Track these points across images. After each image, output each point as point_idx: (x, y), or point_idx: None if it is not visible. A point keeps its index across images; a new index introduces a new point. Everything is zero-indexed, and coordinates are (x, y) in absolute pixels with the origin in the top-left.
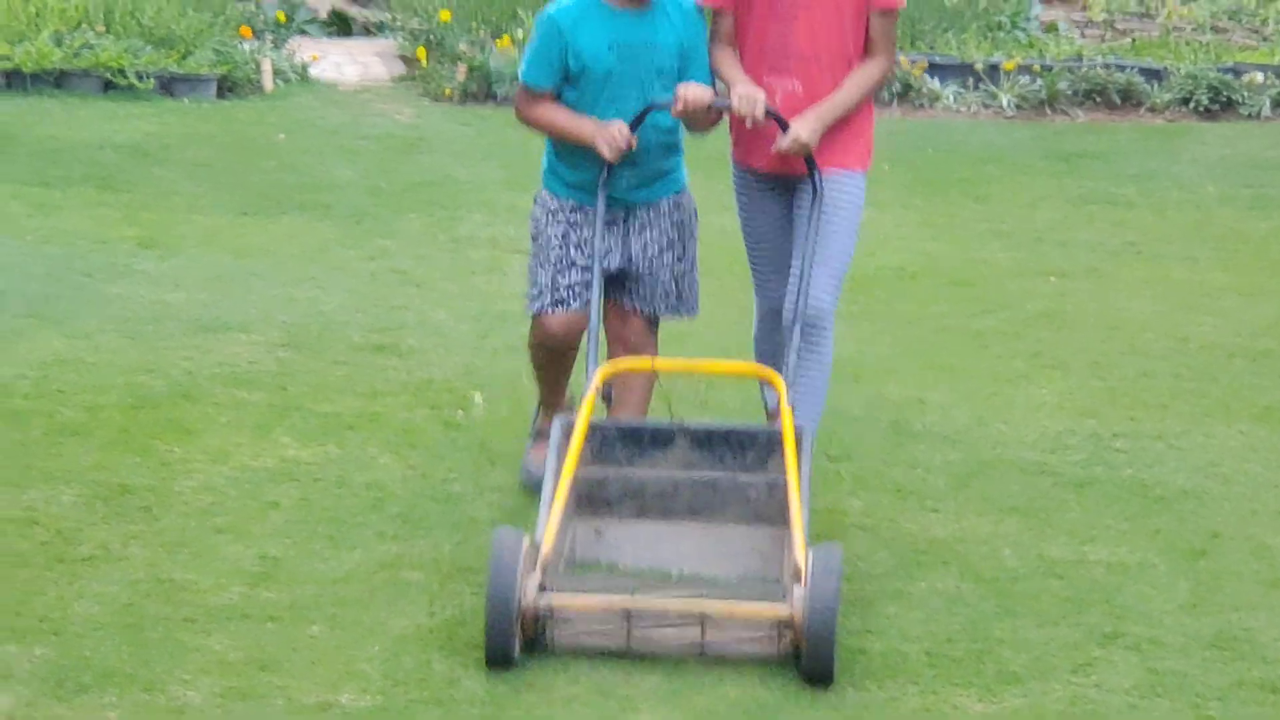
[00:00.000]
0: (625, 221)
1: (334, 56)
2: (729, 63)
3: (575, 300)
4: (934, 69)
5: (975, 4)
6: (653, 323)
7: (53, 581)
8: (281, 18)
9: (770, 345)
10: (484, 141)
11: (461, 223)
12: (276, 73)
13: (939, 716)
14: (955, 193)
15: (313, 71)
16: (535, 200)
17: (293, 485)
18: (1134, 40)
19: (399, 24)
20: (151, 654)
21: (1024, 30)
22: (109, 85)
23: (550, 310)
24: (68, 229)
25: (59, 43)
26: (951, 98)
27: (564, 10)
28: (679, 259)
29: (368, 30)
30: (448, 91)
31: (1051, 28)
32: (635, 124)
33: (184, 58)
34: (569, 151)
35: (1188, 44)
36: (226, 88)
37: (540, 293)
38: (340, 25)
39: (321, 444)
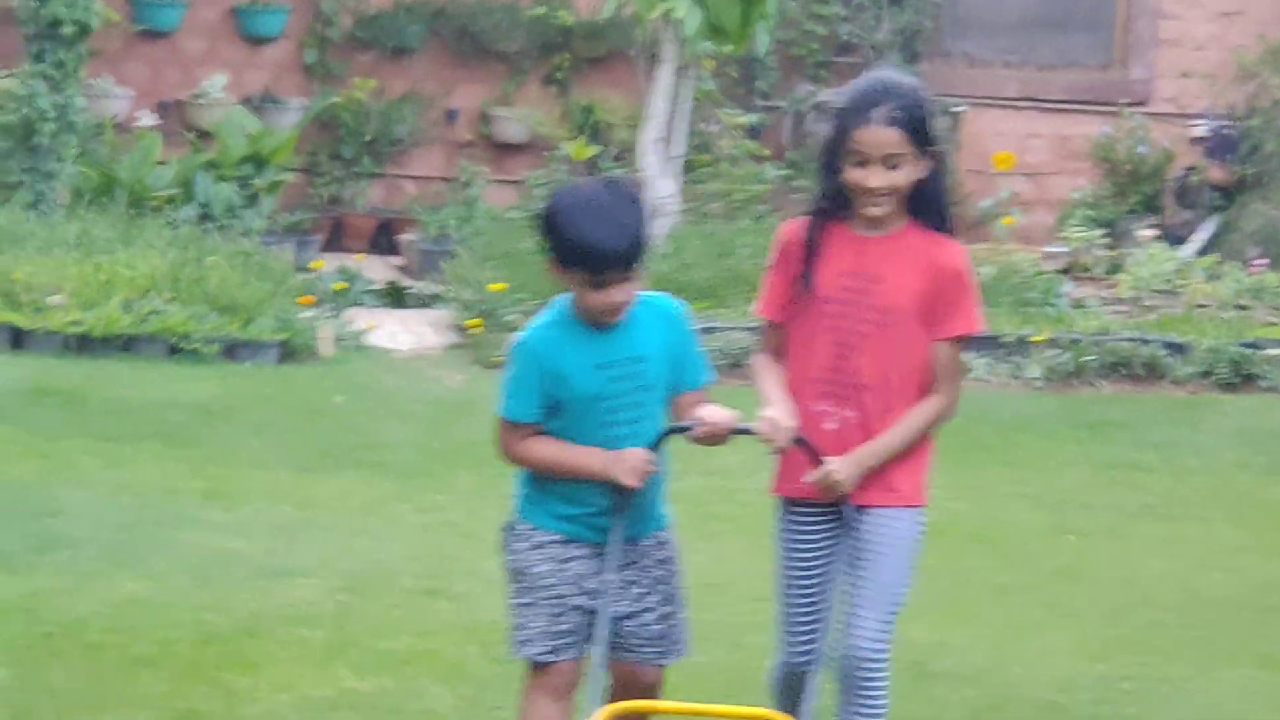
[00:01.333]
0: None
1: (389, 326)
2: (768, 380)
3: (573, 649)
4: (966, 341)
5: (1008, 280)
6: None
7: None
8: (339, 287)
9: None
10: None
11: (510, 480)
12: (335, 340)
13: None
14: (983, 456)
15: (369, 339)
16: (510, 531)
17: (351, 712)
18: (1159, 316)
19: (452, 295)
20: None
21: (1054, 305)
22: (174, 350)
23: (550, 659)
24: (137, 481)
25: (128, 309)
26: (983, 369)
27: (539, 333)
28: (664, 601)
29: (421, 302)
30: (498, 359)
31: (1080, 304)
32: (656, 445)
33: (246, 324)
34: (562, 483)
35: (1210, 320)
36: (286, 353)
37: (531, 639)
38: (394, 296)
39: (377, 677)
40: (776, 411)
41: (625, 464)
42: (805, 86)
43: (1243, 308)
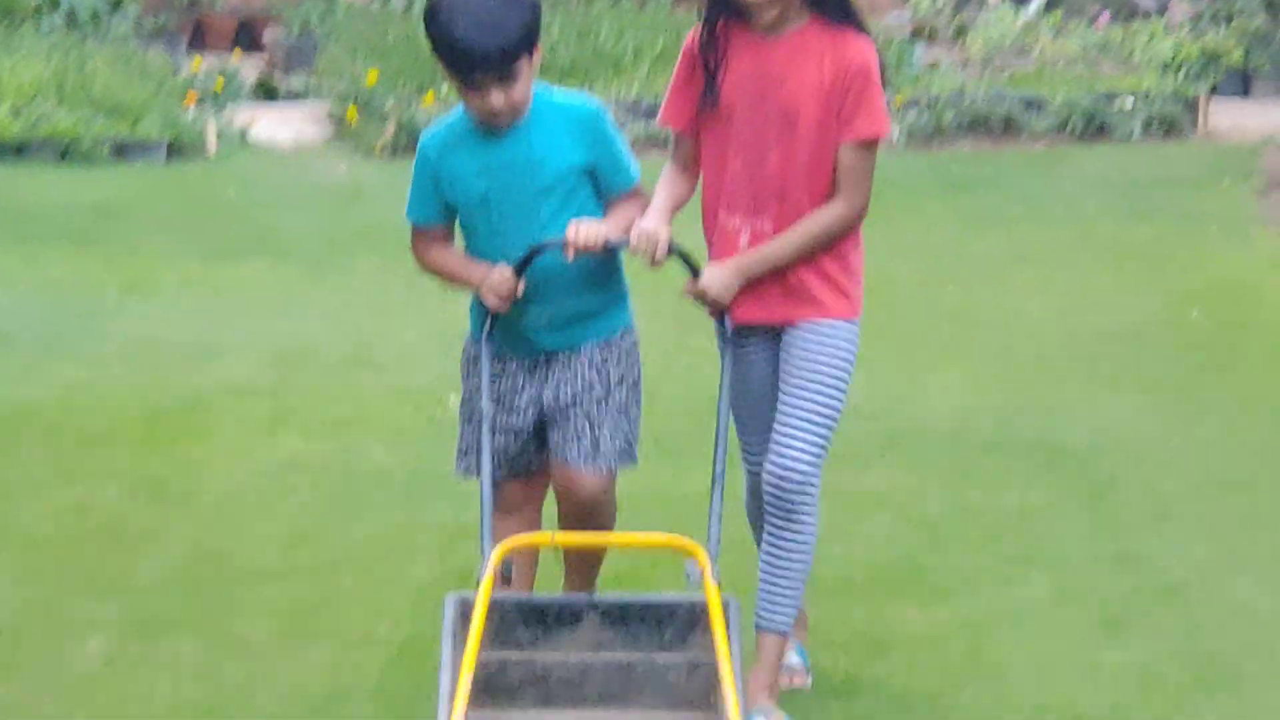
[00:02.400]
0: (542, 367)
1: (268, 120)
2: (657, 193)
3: (507, 467)
4: None
5: None
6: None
7: (114, 554)
8: (219, 85)
9: (762, 520)
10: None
11: (410, 260)
12: (219, 136)
13: (883, 623)
14: None
15: (251, 135)
16: (463, 346)
17: (305, 474)
18: (1012, 74)
19: (325, 89)
20: (211, 605)
21: (908, 69)
22: (65, 154)
23: (480, 477)
24: (55, 279)
25: (16, 115)
26: None
27: (433, 137)
28: (599, 401)
29: (293, 96)
30: (378, 147)
31: (934, 66)
32: (522, 267)
33: (134, 125)
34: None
35: (1061, 76)
36: (174, 151)
37: (464, 452)
38: (267, 92)
39: (323, 441)
40: (651, 223)
41: (487, 285)
42: None
43: (1090, 62)
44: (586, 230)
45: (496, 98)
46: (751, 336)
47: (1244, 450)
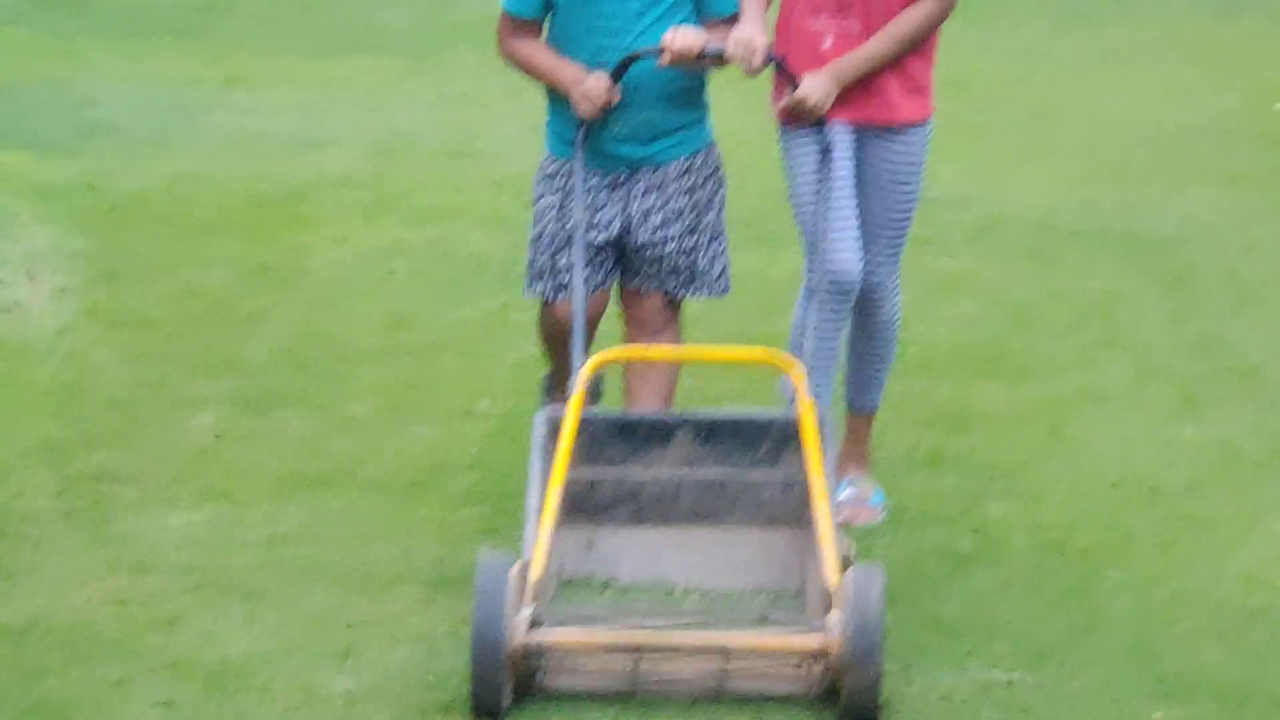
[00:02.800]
0: (626, 184)
1: None
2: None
3: (586, 281)
4: None
5: None
6: (672, 302)
7: (223, 334)
8: None
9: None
10: None
11: None
12: None
13: (967, 401)
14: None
15: None
16: (539, 164)
17: (405, 258)
18: None
19: None
20: (316, 382)
21: None
22: None
23: (554, 297)
24: (159, 73)
25: None
26: None
27: None
28: (690, 231)
29: None
30: None
31: None
32: (618, 74)
33: None
34: (562, 101)
35: None
36: None
37: (539, 275)
38: None
39: (422, 228)
40: (748, 30)
41: (581, 90)
42: None
43: None
44: (684, 37)
45: None
46: (816, 139)
47: None
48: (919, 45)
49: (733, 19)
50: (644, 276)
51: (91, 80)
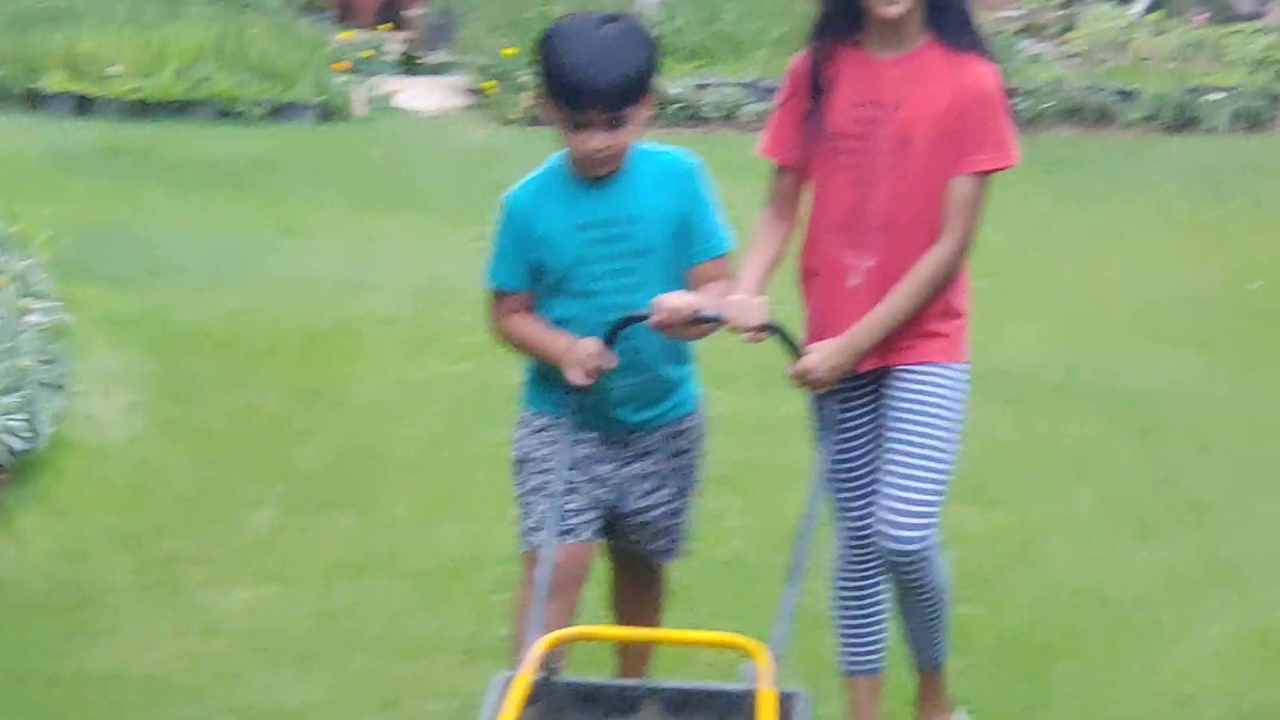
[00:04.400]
0: (624, 447)
1: (411, 90)
2: (751, 253)
3: (586, 530)
4: None
5: None
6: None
7: (277, 447)
8: (367, 54)
9: (857, 588)
10: (551, 153)
11: None
12: (367, 101)
13: (946, 522)
14: None
15: (395, 101)
16: (517, 423)
17: (444, 389)
18: (1109, 68)
19: (466, 61)
20: (361, 488)
21: (1012, 61)
22: (223, 113)
23: (556, 540)
24: (217, 220)
25: (180, 77)
26: None
27: (521, 193)
28: (675, 496)
29: (434, 70)
30: (515, 116)
31: (1036, 59)
32: (610, 339)
33: (287, 88)
34: (553, 368)
35: (1156, 70)
36: (324, 114)
37: (540, 523)
38: (409, 65)
39: (461, 363)
40: (746, 293)
41: (573, 357)
42: None
43: (1185, 59)
44: (675, 301)
45: (602, 139)
46: (850, 385)
47: None
48: (939, 291)
49: (722, 262)
50: (630, 540)
51: (156, 224)
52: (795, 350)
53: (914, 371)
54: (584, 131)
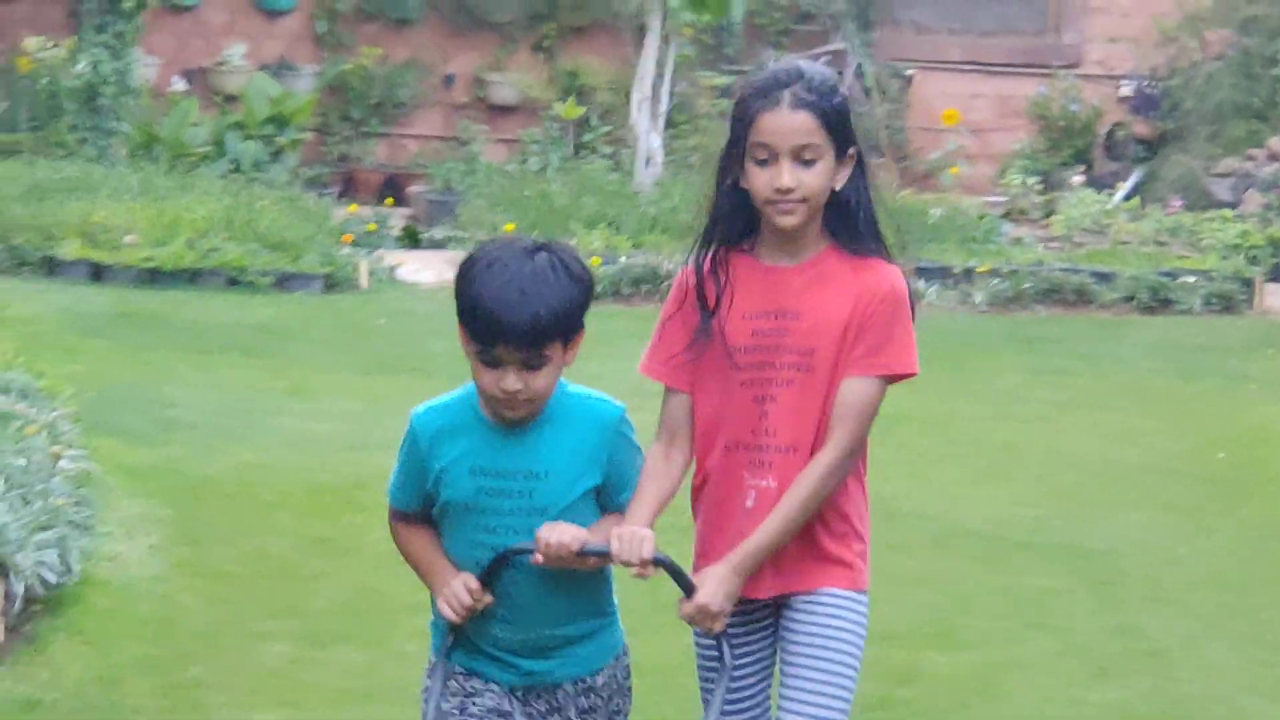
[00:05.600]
0: (525, 698)
1: (413, 263)
2: (645, 485)
3: None
4: (920, 271)
5: (955, 221)
6: None
7: (290, 588)
8: (371, 228)
9: None
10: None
11: None
12: (370, 274)
13: (914, 663)
14: (935, 365)
15: (398, 274)
16: (426, 670)
17: None
18: (1088, 251)
19: (466, 236)
20: (373, 626)
21: (995, 243)
22: (233, 282)
23: None
24: (227, 382)
25: (191, 247)
26: (934, 295)
27: (427, 415)
28: None
29: (435, 244)
30: None
31: (1018, 241)
32: (488, 576)
33: (295, 259)
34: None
35: (1133, 253)
36: (330, 285)
37: None
38: (411, 240)
39: None
40: (634, 527)
41: (445, 591)
42: (768, 51)
43: (1161, 244)
44: (559, 535)
45: (514, 381)
46: (742, 614)
47: (1240, 560)
48: (825, 502)
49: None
50: None
51: (169, 384)
52: (685, 585)
53: (816, 601)
54: (496, 370)
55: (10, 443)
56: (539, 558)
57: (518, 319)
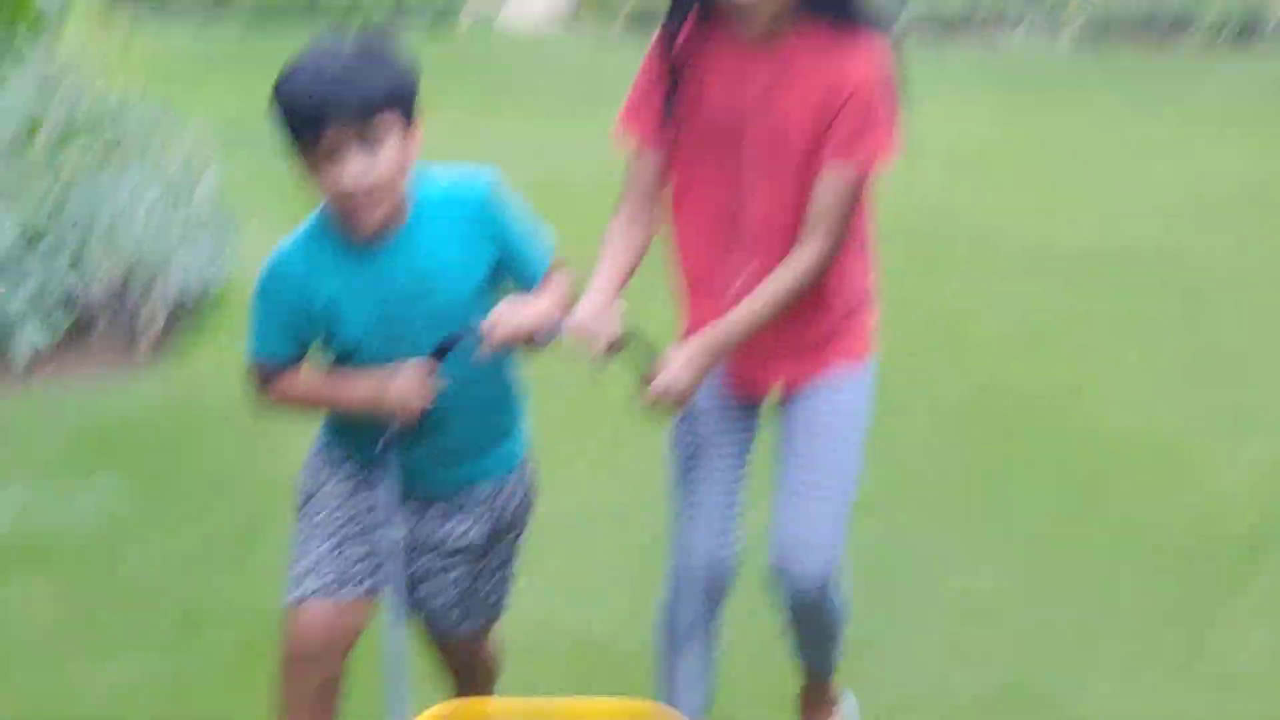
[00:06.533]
0: (422, 510)
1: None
2: (607, 253)
3: (361, 583)
4: (1009, 5)
5: None
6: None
7: None
8: None
9: (684, 629)
10: None
11: None
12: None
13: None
14: (1025, 98)
15: (500, 11)
16: (311, 450)
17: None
18: None
19: None
20: None
21: None
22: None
23: (319, 596)
24: None
25: None
26: (1023, 30)
27: (282, 260)
28: (479, 557)
29: None
30: (615, 26)
31: None
32: (438, 358)
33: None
34: (348, 422)
35: None
36: (437, 18)
37: (311, 568)
38: None
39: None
40: (594, 305)
41: (395, 392)
42: None
43: None
44: (507, 320)
45: (355, 165)
46: (729, 412)
47: None
48: (799, 301)
49: (553, 271)
50: (418, 603)
51: None
52: (646, 369)
53: (817, 386)
54: (334, 162)
55: (154, 159)
56: (486, 349)
57: (342, 92)
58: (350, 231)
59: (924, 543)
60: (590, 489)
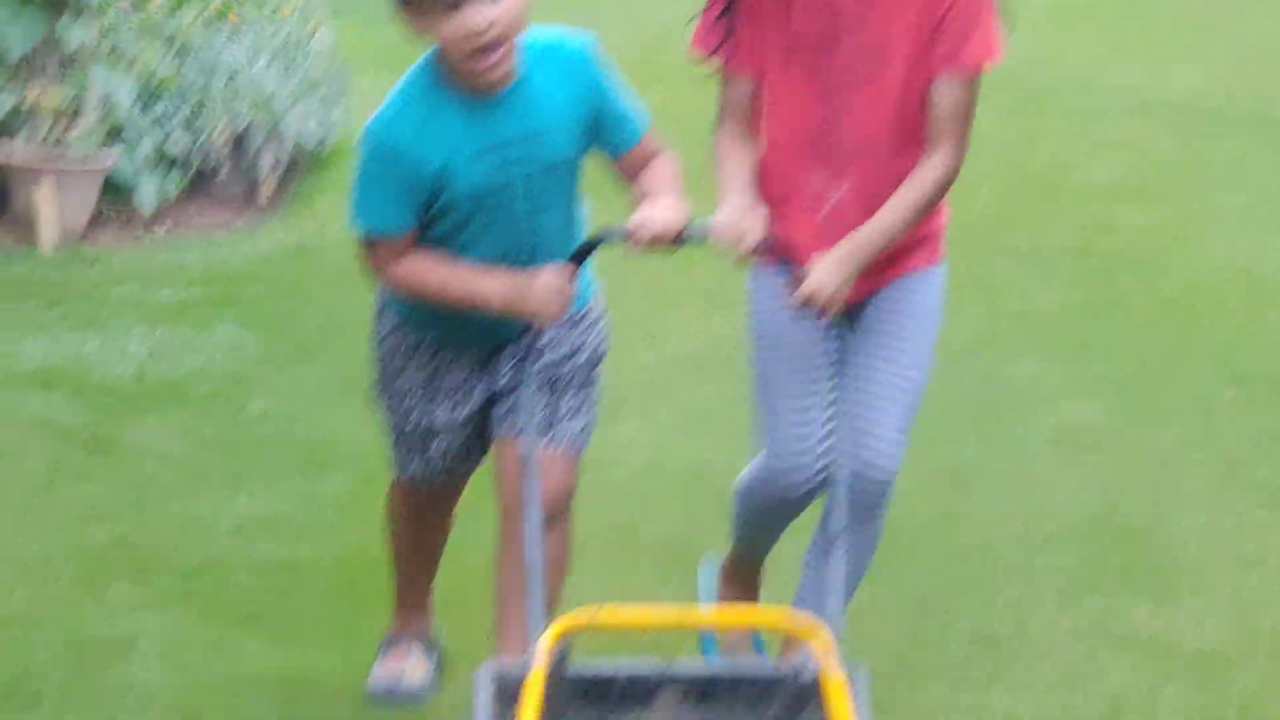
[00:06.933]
0: (494, 355)
1: None
2: (729, 164)
3: (456, 464)
4: None
5: None
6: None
7: None
8: None
9: (769, 528)
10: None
11: None
12: None
13: (1109, 217)
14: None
15: None
16: (381, 316)
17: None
18: None
19: None
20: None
21: None
22: None
23: (421, 477)
24: None
25: None
26: None
27: (390, 120)
28: (562, 379)
29: None
30: None
31: None
32: (579, 261)
33: None
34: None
35: None
36: None
37: (410, 452)
38: None
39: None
40: (735, 209)
41: (535, 295)
42: None
43: None
44: (660, 220)
45: (483, 13)
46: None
47: None
48: (934, 208)
49: (649, 142)
50: (499, 424)
51: None
52: (792, 270)
53: (897, 288)
54: (457, 14)
55: (268, 21)
56: (639, 245)
57: None
58: (470, 85)
59: (1026, 378)
60: (698, 332)
